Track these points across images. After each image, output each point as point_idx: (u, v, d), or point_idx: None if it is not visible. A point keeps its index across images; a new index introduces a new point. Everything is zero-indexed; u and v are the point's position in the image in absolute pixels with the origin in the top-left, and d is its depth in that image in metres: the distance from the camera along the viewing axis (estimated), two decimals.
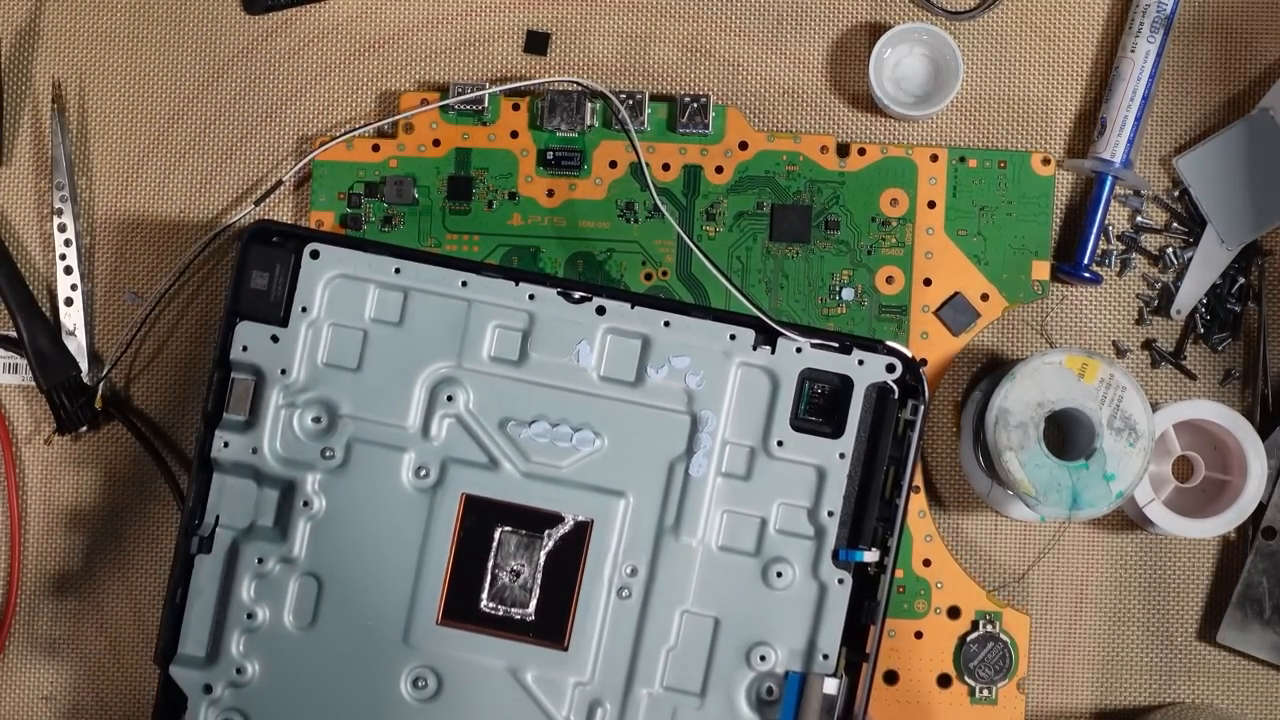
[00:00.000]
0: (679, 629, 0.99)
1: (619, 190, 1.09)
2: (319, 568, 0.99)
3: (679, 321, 0.99)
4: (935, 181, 1.09)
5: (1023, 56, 1.11)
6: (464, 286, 0.99)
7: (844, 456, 0.98)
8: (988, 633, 1.07)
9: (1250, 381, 1.09)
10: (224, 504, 1.00)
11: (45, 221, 1.11)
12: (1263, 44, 1.11)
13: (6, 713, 1.10)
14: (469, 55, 1.11)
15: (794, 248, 1.09)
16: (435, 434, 0.99)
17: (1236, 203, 1.09)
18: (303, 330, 1.00)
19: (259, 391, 1.00)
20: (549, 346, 0.99)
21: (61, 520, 1.10)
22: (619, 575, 0.99)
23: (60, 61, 1.12)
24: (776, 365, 0.99)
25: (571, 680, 0.99)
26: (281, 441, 1.00)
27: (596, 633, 0.99)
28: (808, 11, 1.11)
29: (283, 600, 0.99)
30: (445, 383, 0.99)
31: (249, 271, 0.99)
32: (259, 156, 1.11)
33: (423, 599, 0.99)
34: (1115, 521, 1.09)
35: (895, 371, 0.98)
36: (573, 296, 0.99)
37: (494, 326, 1.00)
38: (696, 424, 0.99)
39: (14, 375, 1.10)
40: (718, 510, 0.99)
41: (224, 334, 0.99)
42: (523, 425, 0.99)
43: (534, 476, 0.99)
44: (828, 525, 0.98)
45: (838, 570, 0.98)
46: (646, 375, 0.99)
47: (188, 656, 0.99)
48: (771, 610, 0.98)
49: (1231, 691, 1.09)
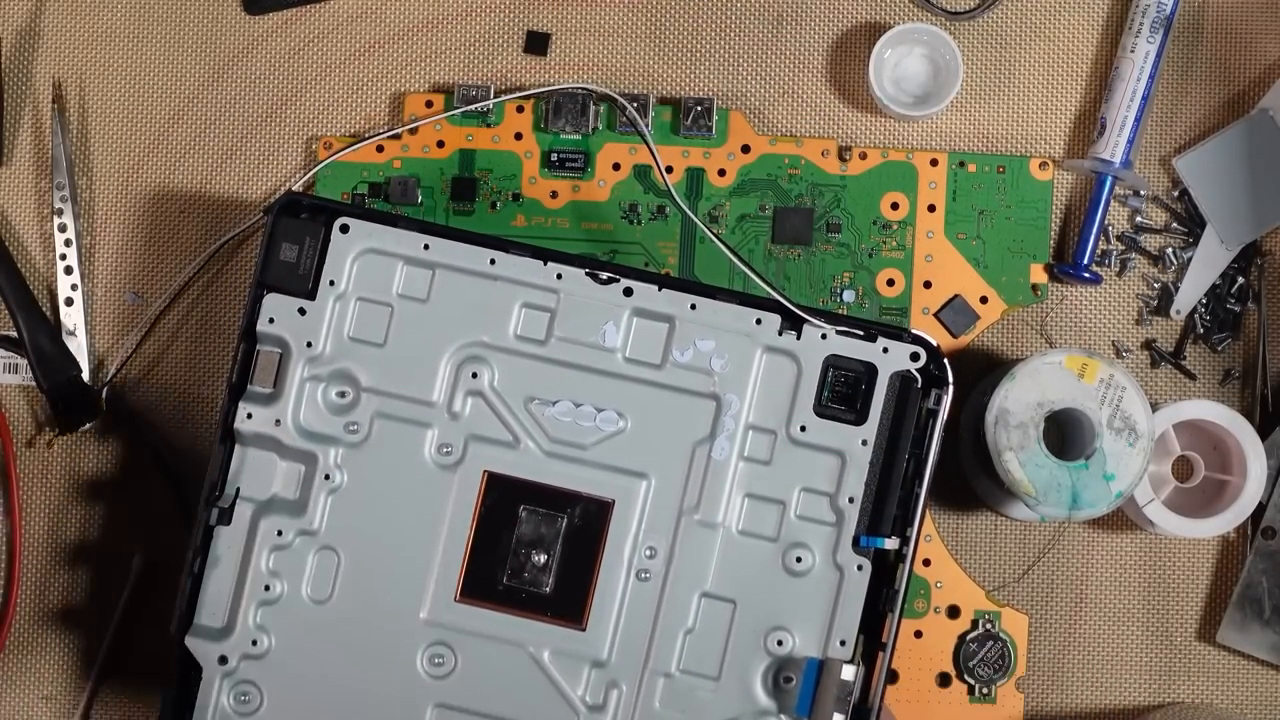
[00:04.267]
0: (697, 612, 0.99)
1: (622, 192, 1.09)
2: (338, 541, 0.99)
3: (705, 305, 0.99)
4: (935, 186, 1.09)
5: (1023, 56, 1.11)
6: (492, 264, 0.99)
7: (866, 444, 0.98)
8: (987, 632, 1.07)
9: (1250, 381, 1.10)
10: (245, 476, 0.99)
11: (45, 221, 1.11)
12: (1263, 44, 1.11)
13: (6, 713, 1.10)
14: (469, 55, 1.11)
15: (796, 250, 1.09)
16: (459, 411, 0.99)
17: (1236, 203, 1.09)
18: (330, 304, 0.99)
19: (283, 364, 0.99)
20: (575, 326, 0.99)
21: (62, 520, 1.10)
22: (639, 557, 0.99)
23: (60, 61, 1.12)
24: (801, 351, 0.99)
25: (588, 660, 0.99)
26: (305, 414, 0.99)
27: (615, 613, 0.99)
28: (808, 12, 1.11)
29: (301, 573, 0.99)
30: (470, 360, 0.99)
31: (279, 243, 0.99)
32: (259, 157, 1.11)
33: (442, 575, 0.99)
34: (1115, 521, 1.09)
35: (919, 360, 0.98)
36: (600, 277, 0.99)
37: (521, 305, 0.99)
38: (720, 407, 0.99)
39: (14, 375, 1.10)
40: (739, 494, 0.99)
41: (251, 305, 0.99)
42: (547, 404, 0.99)
43: (557, 456, 0.99)
44: (848, 511, 0.98)
45: (857, 556, 0.98)
46: (671, 357, 0.99)
47: (204, 627, 0.99)
48: (790, 595, 0.98)
49: (1231, 691, 1.09)
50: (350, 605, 0.99)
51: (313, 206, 1.00)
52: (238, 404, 0.99)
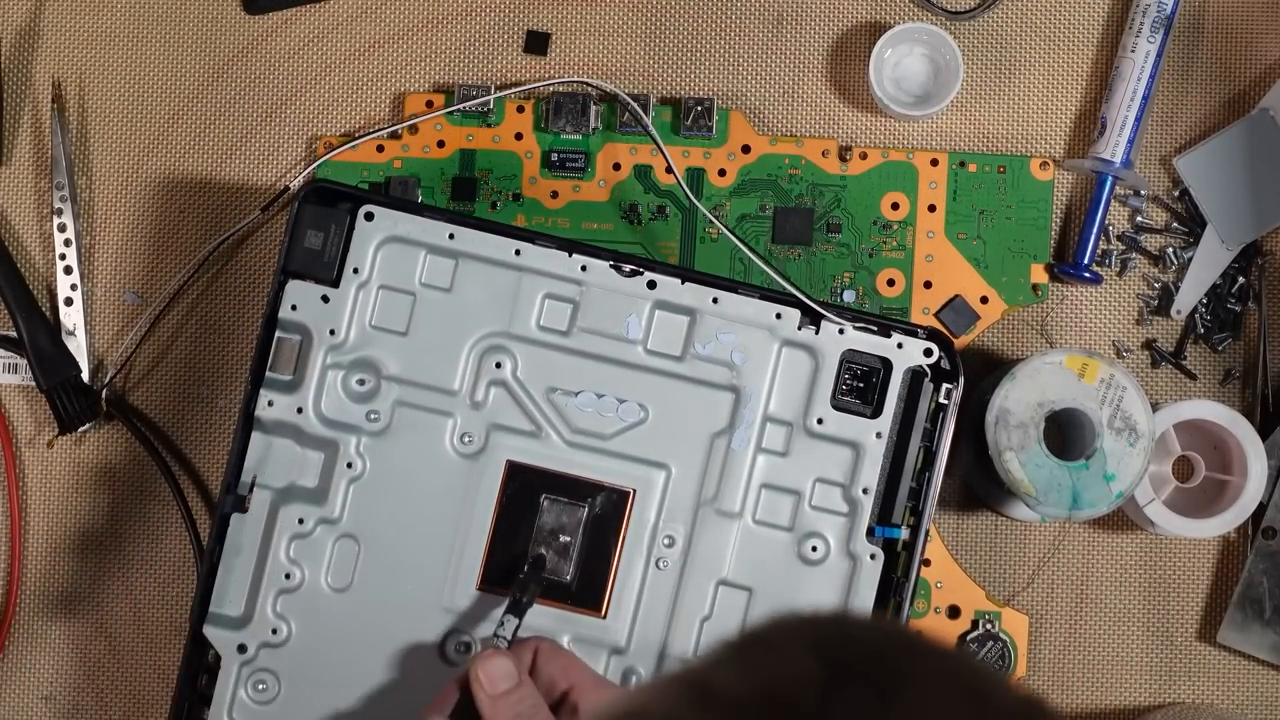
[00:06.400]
0: (714, 600, 1.00)
1: (622, 192, 1.09)
2: (359, 530, 0.99)
3: (727, 299, 1.00)
4: (935, 186, 1.09)
5: (1023, 56, 1.11)
6: (517, 255, 1.00)
7: (880, 436, 1.00)
8: (987, 632, 1.07)
9: (1250, 381, 1.10)
10: (265, 464, 0.99)
11: (45, 221, 1.11)
12: (1263, 44, 1.11)
13: (6, 713, 1.09)
14: (469, 55, 1.11)
15: (796, 250, 1.09)
16: (481, 400, 1.00)
17: (1236, 203, 1.09)
18: (353, 292, 1.00)
19: (304, 351, 0.99)
20: (598, 318, 1.00)
21: (62, 520, 1.10)
22: (658, 546, 0.99)
23: (60, 61, 1.12)
24: (819, 345, 1.00)
25: (608, 647, 0.99)
26: (326, 402, 1.00)
27: (634, 601, 1.00)
28: (808, 12, 1.11)
29: (321, 561, 0.99)
30: (493, 350, 1.00)
31: (304, 230, 0.99)
32: (259, 156, 1.11)
33: (463, 564, 0.99)
34: (1115, 521, 1.09)
35: (932, 356, 1.00)
36: (624, 270, 1.00)
37: (544, 296, 1.00)
38: (739, 399, 1.00)
39: (14, 375, 1.10)
40: (756, 484, 1.00)
41: (274, 292, 0.99)
42: (569, 395, 1.00)
43: (578, 446, 1.00)
44: (862, 501, 0.99)
45: (870, 545, 0.99)
46: (693, 350, 1.00)
47: (222, 616, 0.99)
48: (804, 583, 1.00)
49: (1231, 691, 1.09)
50: (370, 594, 0.99)
51: (338, 194, 1.00)
52: (259, 390, 0.99)
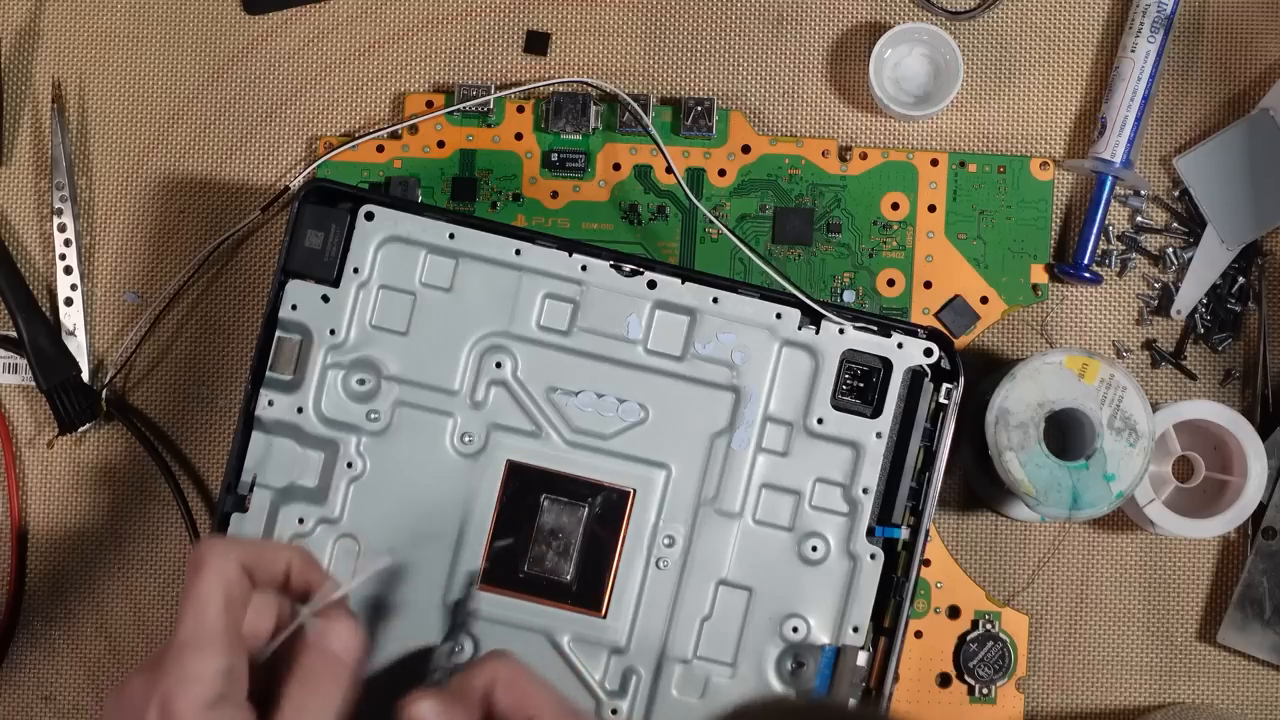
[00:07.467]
0: (714, 599, 1.00)
1: (622, 192, 1.09)
2: (359, 529, 0.99)
3: (727, 299, 1.00)
4: (935, 186, 1.09)
5: (1023, 56, 1.11)
6: (517, 255, 1.00)
7: (881, 436, 1.00)
8: (987, 632, 1.07)
9: (1250, 381, 1.10)
10: (265, 464, 0.99)
11: (45, 221, 1.11)
12: (1263, 44, 1.11)
13: (6, 713, 1.10)
14: (469, 55, 1.11)
15: (796, 250, 1.09)
16: (481, 400, 1.00)
17: (1236, 203, 1.09)
18: (353, 291, 1.00)
19: (304, 351, 1.00)
20: (598, 318, 1.00)
21: (62, 521, 1.10)
22: (658, 545, 1.00)
23: (60, 61, 1.12)
24: (819, 345, 1.00)
25: (608, 647, 0.99)
26: (326, 402, 1.00)
27: (634, 601, 1.00)
28: (808, 12, 1.11)
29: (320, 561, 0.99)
30: (493, 350, 1.00)
31: (304, 230, 0.99)
32: (259, 156, 1.11)
33: (463, 563, 0.99)
34: (1115, 521, 1.09)
35: (932, 356, 1.00)
36: (624, 269, 1.00)
37: (544, 296, 1.00)
38: (740, 399, 1.00)
39: (14, 375, 1.10)
40: (756, 484, 1.00)
41: (275, 292, 0.99)
42: (569, 395, 1.00)
43: (578, 445, 1.00)
44: (862, 501, 0.99)
45: (870, 545, 0.99)
46: (693, 350, 1.00)
47: None
48: (804, 583, 1.00)
49: (1231, 691, 1.09)
50: (370, 593, 0.99)
51: (339, 193, 1.00)
52: (259, 390, 0.99)
